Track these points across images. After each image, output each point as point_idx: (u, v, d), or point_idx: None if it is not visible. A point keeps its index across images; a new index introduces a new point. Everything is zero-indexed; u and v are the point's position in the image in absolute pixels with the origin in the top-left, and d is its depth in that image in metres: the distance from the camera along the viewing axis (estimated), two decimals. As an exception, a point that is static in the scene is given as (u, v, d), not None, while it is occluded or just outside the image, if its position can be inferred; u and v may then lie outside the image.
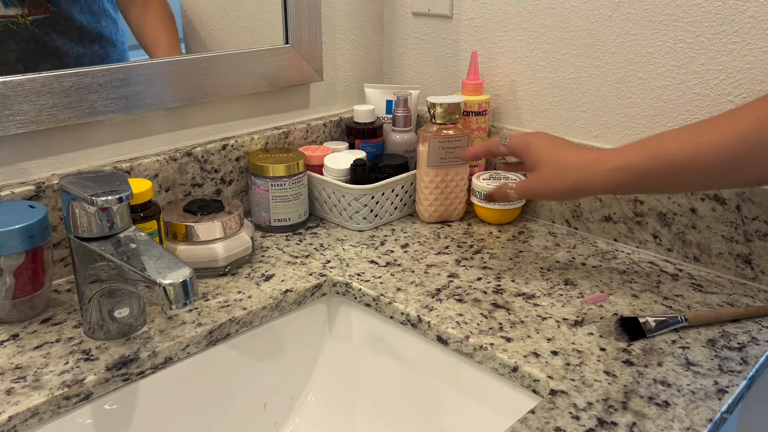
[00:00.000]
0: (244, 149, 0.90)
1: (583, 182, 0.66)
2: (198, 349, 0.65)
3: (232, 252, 0.76)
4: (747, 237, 0.75)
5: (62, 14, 0.73)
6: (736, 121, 0.59)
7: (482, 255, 0.83)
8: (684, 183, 0.63)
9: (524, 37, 0.92)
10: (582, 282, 0.76)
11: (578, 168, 0.67)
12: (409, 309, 0.70)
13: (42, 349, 0.62)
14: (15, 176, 0.72)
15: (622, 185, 0.65)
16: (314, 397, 0.76)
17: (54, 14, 0.72)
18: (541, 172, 0.69)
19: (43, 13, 0.71)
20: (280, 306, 0.72)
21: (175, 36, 0.82)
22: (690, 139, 0.61)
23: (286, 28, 0.93)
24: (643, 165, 0.63)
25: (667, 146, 0.62)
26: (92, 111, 0.74)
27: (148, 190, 0.72)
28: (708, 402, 0.56)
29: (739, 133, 0.58)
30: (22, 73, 0.69)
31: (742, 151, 0.58)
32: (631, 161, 0.64)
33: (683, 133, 0.62)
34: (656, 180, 0.63)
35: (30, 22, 0.70)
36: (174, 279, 0.54)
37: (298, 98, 0.99)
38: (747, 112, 0.59)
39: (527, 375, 0.60)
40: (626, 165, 0.64)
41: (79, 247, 0.60)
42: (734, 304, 0.72)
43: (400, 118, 0.97)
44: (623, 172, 0.64)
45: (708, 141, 0.60)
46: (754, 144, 0.57)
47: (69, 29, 0.74)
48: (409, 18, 1.05)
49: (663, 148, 0.62)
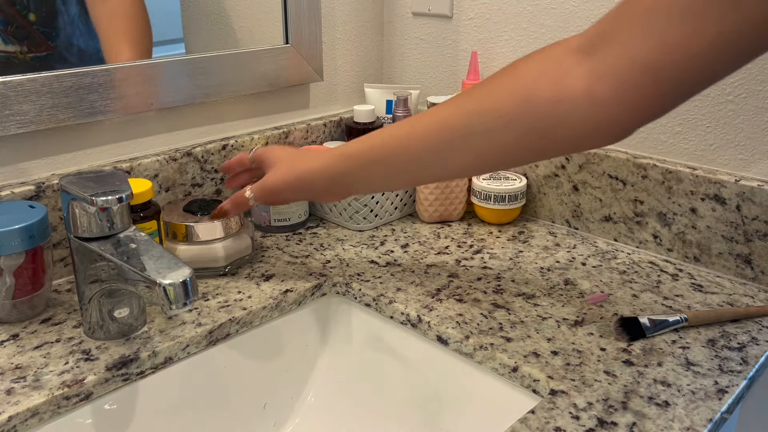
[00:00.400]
0: (244, 149, 0.89)
1: (310, 170, 0.67)
2: (198, 349, 0.66)
3: (232, 252, 0.76)
4: (747, 237, 0.75)
5: (63, 47, 0.73)
6: (441, 110, 0.61)
7: (482, 255, 0.83)
8: (402, 173, 0.64)
9: (524, 37, 0.92)
10: (582, 282, 0.76)
11: (308, 159, 0.68)
12: (409, 309, 0.70)
13: (42, 349, 0.62)
14: (15, 176, 0.72)
15: (345, 173, 0.66)
16: (314, 397, 0.76)
17: (55, 50, 0.72)
18: (277, 168, 0.70)
19: (44, 51, 0.71)
20: (280, 306, 0.72)
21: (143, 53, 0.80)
22: (403, 129, 0.63)
23: (286, 28, 0.93)
24: (363, 153, 0.65)
25: (385, 137, 0.64)
26: (92, 111, 0.74)
27: (148, 190, 0.72)
28: (708, 402, 0.56)
29: (441, 120, 0.60)
30: (21, 74, 0.69)
31: (445, 137, 0.59)
32: (352, 150, 0.66)
33: (401, 125, 0.63)
34: (376, 169, 0.64)
35: (30, 59, 0.70)
36: (174, 279, 0.54)
37: (298, 98, 0.99)
38: (451, 102, 0.60)
39: (527, 375, 0.60)
40: (349, 153, 0.66)
41: (79, 247, 0.60)
42: (734, 304, 0.72)
43: (400, 119, 0.97)
44: (345, 160, 0.66)
45: (417, 129, 0.61)
46: (455, 130, 0.59)
47: (69, 57, 0.73)
48: (409, 18, 1.05)
49: (381, 139, 0.64)
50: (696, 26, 0.46)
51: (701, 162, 0.80)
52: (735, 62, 0.48)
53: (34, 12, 0.69)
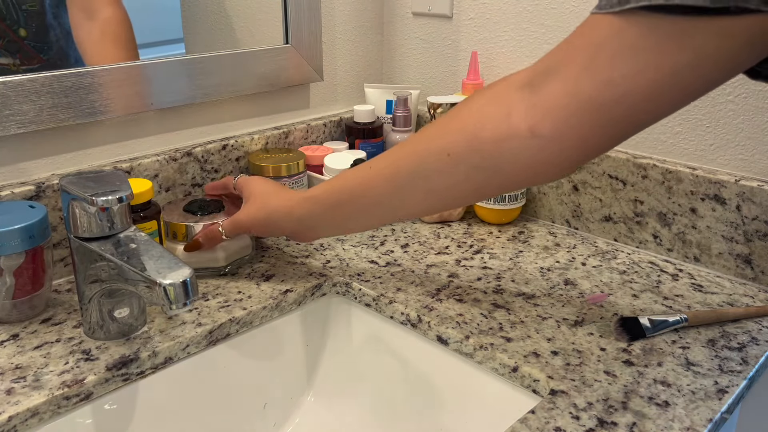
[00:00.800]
0: (244, 149, 0.90)
1: (278, 211, 0.69)
2: (198, 349, 0.66)
3: (231, 252, 0.76)
4: (747, 237, 0.75)
5: (56, 59, 0.73)
6: (395, 151, 0.62)
7: (482, 255, 0.83)
8: (364, 216, 0.65)
9: (524, 37, 0.92)
10: (582, 282, 0.76)
11: (279, 199, 0.70)
12: (409, 309, 0.70)
13: (42, 349, 0.62)
14: (15, 176, 0.72)
15: (311, 216, 0.67)
16: (314, 397, 0.76)
17: (47, 62, 0.72)
18: (250, 203, 0.72)
19: (36, 63, 0.71)
20: (280, 306, 0.72)
21: None
22: (362, 172, 0.63)
23: (286, 28, 0.93)
24: (327, 196, 0.66)
25: (347, 180, 0.65)
26: (92, 111, 0.74)
27: (148, 190, 0.72)
28: (708, 402, 0.56)
29: (394, 161, 0.61)
30: (22, 74, 0.69)
31: (399, 178, 0.60)
32: (317, 193, 0.67)
33: (361, 167, 0.64)
34: (339, 212, 0.66)
35: (23, 71, 0.70)
36: (174, 279, 0.54)
37: (298, 98, 0.99)
38: (405, 142, 0.61)
39: (527, 375, 0.60)
40: (313, 196, 0.67)
41: (79, 247, 0.60)
42: (734, 304, 0.72)
43: (400, 118, 0.97)
44: (311, 203, 0.67)
45: (374, 171, 0.62)
46: (408, 171, 0.59)
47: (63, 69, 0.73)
48: (409, 18, 1.05)
49: (343, 182, 0.65)
50: (642, 64, 0.45)
51: (701, 162, 0.80)
52: (682, 99, 0.47)
53: (25, 27, 0.69)
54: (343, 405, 0.75)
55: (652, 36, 0.44)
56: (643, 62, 0.45)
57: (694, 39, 0.43)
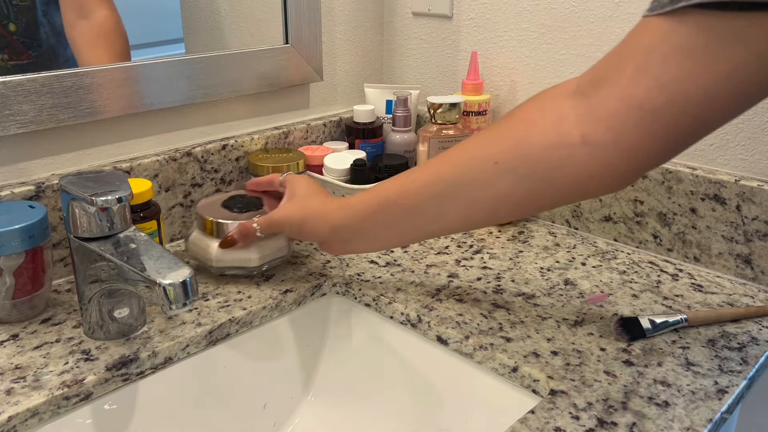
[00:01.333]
0: (244, 149, 0.90)
1: (315, 215, 0.67)
2: (198, 349, 0.66)
3: (267, 253, 0.73)
4: (747, 237, 0.75)
5: (46, 56, 0.72)
6: (436, 161, 0.60)
7: (482, 255, 0.83)
8: (398, 224, 0.62)
9: (524, 37, 0.92)
10: (582, 282, 0.76)
11: (317, 203, 0.68)
12: (409, 309, 0.70)
13: (42, 349, 0.62)
14: (15, 176, 0.72)
15: (343, 224, 0.65)
16: (314, 397, 0.76)
17: (36, 59, 0.72)
18: (288, 204, 0.70)
19: (25, 60, 0.71)
20: (280, 306, 0.72)
21: None
22: (400, 179, 0.62)
23: (286, 28, 0.93)
24: (362, 204, 0.64)
25: (384, 187, 0.63)
26: (92, 111, 0.74)
27: (148, 190, 0.72)
28: (708, 402, 0.56)
29: (435, 170, 0.59)
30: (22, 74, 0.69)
31: (441, 187, 0.58)
32: (353, 201, 0.65)
33: (399, 177, 0.62)
34: (372, 220, 0.63)
35: (12, 66, 0.70)
36: (174, 279, 0.54)
37: (298, 98, 0.99)
38: (449, 151, 0.59)
39: (527, 375, 0.60)
40: (348, 204, 0.66)
41: (79, 247, 0.60)
42: (734, 304, 0.72)
43: (399, 118, 0.97)
44: (345, 210, 0.65)
45: (411, 178, 0.61)
46: (451, 179, 0.57)
47: (54, 67, 0.73)
48: (409, 18, 1.05)
49: (380, 191, 0.63)
50: (694, 66, 0.43)
51: (701, 162, 0.80)
52: (737, 105, 0.45)
53: (14, 22, 0.69)
54: (343, 405, 0.75)
55: (703, 36, 0.43)
56: (695, 65, 0.43)
57: (749, 36, 0.41)
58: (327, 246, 0.69)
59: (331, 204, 0.67)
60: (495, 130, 0.56)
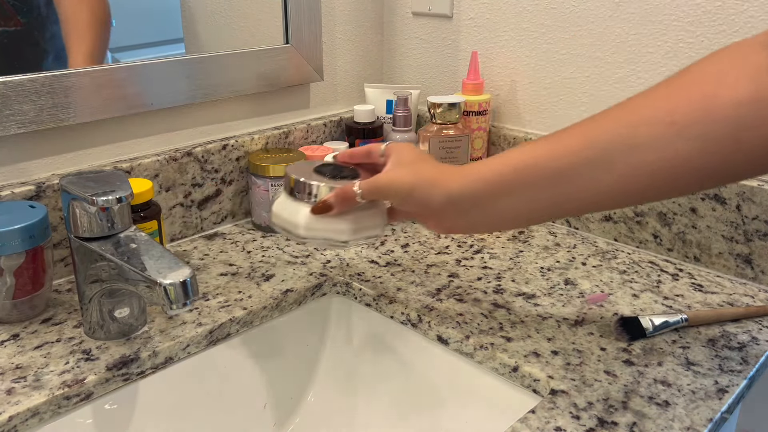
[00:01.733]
0: (244, 149, 0.90)
1: (429, 181, 0.58)
2: (198, 349, 0.66)
3: (360, 226, 0.63)
4: (747, 237, 0.75)
5: (34, 26, 0.71)
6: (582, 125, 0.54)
7: (482, 255, 0.83)
8: (539, 196, 0.54)
9: (524, 37, 0.92)
10: (582, 282, 0.76)
11: (433, 168, 0.60)
12: (409, 309, 0.70)
13: (42, 349, 0.62)
14: (15, 176, 0.72)
15: (468, 194, 0.57)
16: (314, 397, 0.76)
17: (24, 26, 0.71)
18: (397, 169, 0.61)
19: (13, 26, 0.70)
20: (280, 306, 0.72)
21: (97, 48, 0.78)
22: (544, 145, 0.55)
23: (286, 28, 0.93)
24: (492, 173, 0.56)
25: (519, 154, 0.56)
26: (92, 111, 0.74)
27: (148, 190, 0.72)
28: (708, 402, 0.56)
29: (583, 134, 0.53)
30: (22, 73, 0.69)
31: (594, 151, 0.51)
32: (478, 168, 0.57)
33: (538, 142, 0.56)
34: (508, 189, 0.55)
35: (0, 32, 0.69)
36: (174, 279, 0.54)
37: (298, 98, 0.99)
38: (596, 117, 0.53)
39: (527, 375, 0.60)
40: (474, 171, 0.57)
41: (79, 247, 0.60)
42: (734, 304, 0.72)
43: (400, 118, 0.97)
44: (471, 178, 0.57)
45: (551, 143, 0.54)
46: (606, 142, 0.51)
47: (41, 40, 0.72)
48: (409, 18, 1.05)
49: (515, 156, 0.56)
50: None
51: (701, 162, 0.80)
52: None
53: None
54: (344, 405, 0.75)
55: None
56: None
57: None
58: (435, 219, 0.60)
59: (448, 170, 0.59)
60: (666, 88, 0.49)
